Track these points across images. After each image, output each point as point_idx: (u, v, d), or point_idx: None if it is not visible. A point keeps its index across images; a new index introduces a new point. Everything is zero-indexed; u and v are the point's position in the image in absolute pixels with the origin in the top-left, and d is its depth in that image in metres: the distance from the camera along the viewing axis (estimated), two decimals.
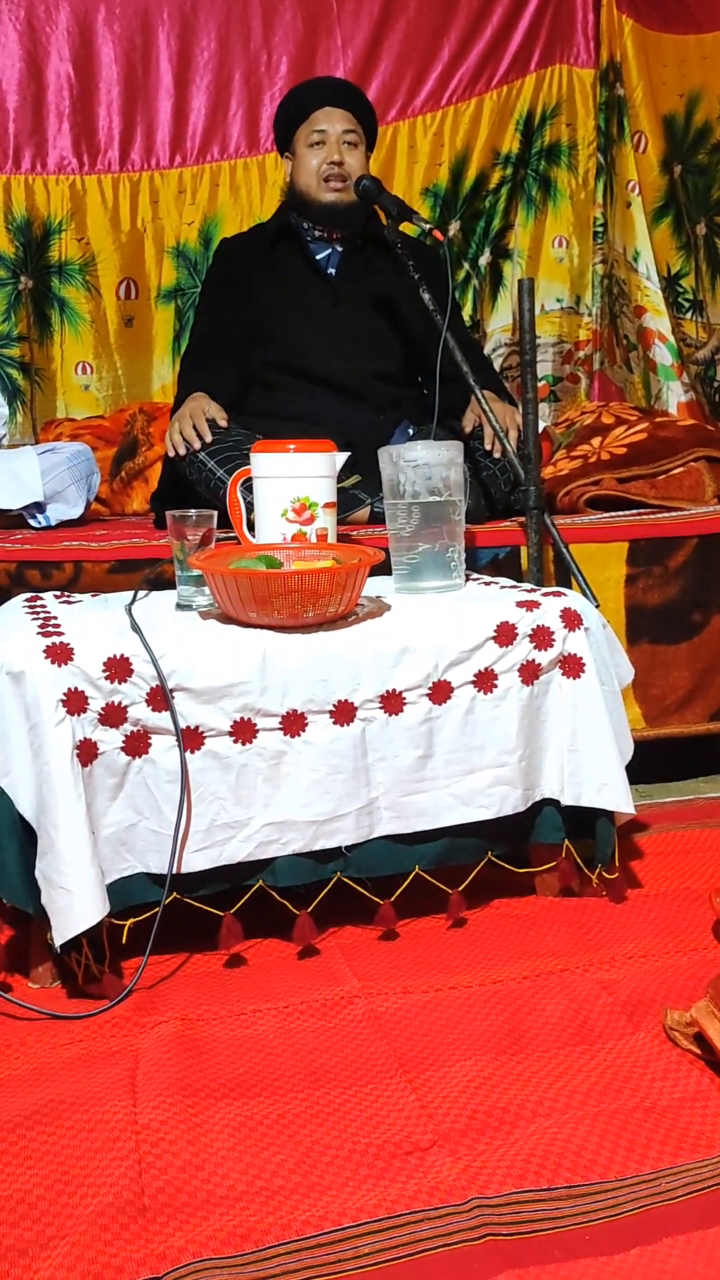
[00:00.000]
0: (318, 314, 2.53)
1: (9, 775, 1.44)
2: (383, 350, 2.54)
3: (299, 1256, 1.00)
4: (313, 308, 2.54)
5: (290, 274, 2.57)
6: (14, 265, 3.07)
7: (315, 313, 2.53)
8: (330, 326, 2.51)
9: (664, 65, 3.01)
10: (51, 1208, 1.07)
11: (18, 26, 3.02)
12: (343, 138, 2.48)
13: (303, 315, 2.52)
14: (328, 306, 2.54)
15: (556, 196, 3.43)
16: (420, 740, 1.59)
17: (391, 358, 2.55)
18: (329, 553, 1.71)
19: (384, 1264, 0.99)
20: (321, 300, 2.54)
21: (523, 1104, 1.21)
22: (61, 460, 2.54)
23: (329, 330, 2.51)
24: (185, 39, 3.12)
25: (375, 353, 2.53)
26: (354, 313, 2.54)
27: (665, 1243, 1.00)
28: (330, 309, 2.54)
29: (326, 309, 2.54)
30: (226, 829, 1.52)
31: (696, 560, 2.25)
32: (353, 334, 2.51)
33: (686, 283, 3.02)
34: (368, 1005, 1.43)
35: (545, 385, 3.48)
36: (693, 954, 1.54)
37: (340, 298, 2.54)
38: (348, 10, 3.19)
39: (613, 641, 1.78)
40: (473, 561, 2.10)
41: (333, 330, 2.51)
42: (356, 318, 2.54)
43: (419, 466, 1.77)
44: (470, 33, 3.26)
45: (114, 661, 1.47)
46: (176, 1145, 1.15)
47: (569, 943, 1.59)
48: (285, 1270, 0.99)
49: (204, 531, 1.69)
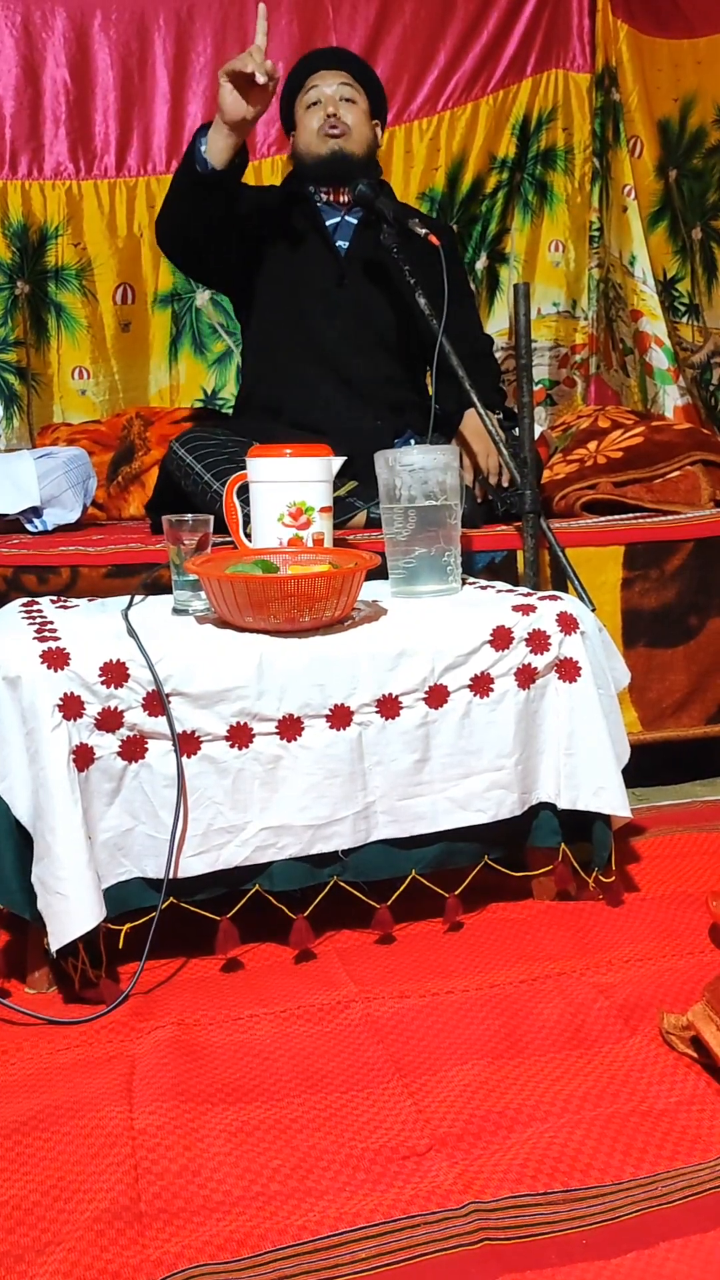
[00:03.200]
0: (322, 290, 2.45)
1: (5, 780, 1.43)
2: (386, 346, 2.47)
3: (295, 1262, 1.00)
4: (316, 282, 2.45)
5: (299, 236, 2.47)
6: (10, 270, 3.08)
7: (319, 289, 2.44)
8: (334, 306, 2.44)
9: (658, 69, 3.02)
10: (47, 1214, 1.07)
11: (14, 32, 3.03)
12: (338, 93, 2.44)
13: (305, 287, 2.44)
14: (333, 283, 2.46)
15: (553, 201, 3.44)
16: (417, 744, 1.59)
17: (395, 355, 2.48)
18: (325, 557, 1.71)
19: (381, 1269, 0.99)
20: (327, 276, 2.46)
21: (519, 1108, 1.21)
22: (58, 465, 2.54)
23: (332, 309, 2.43)
24: (181, 44, 3.13)
25: (378, 349, 2.46)
26: (360, 297, 2.45)
27: (662, 1247, 1.00)
28: (335, 289, 2.45)
29: (332, 285, 2.45)
30: (223, 833, 1.52)
31: (693, 564, 2.26)
32: (356, 321, 2.44)
33: (682, 287, 3.03)
34: (364, 1010, 1.43)
35: (541, 389, 3.48)
36: (689, 958, 1.54)
37: (347, 277, 2.46)
38: (343, 15, 3.20)
39: (609, 645, 1.78)
40: (469, 565, 2.10)
41: (336, 310, 2.43)
42: (362, 303, 2.45)
43: (415, 471, 1.77)
44: (466, 37, 3.28)
45: (110, 666, 1.47)
46: (173, 1151, 1.15)
47: (566, 946, 1.59)
48: (282, 1275, 0.99)
49: (200, 536, 1.69)
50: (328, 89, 2.45)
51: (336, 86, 2.45)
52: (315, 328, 2.44)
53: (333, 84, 2.46)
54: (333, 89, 2.45)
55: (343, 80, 2.46)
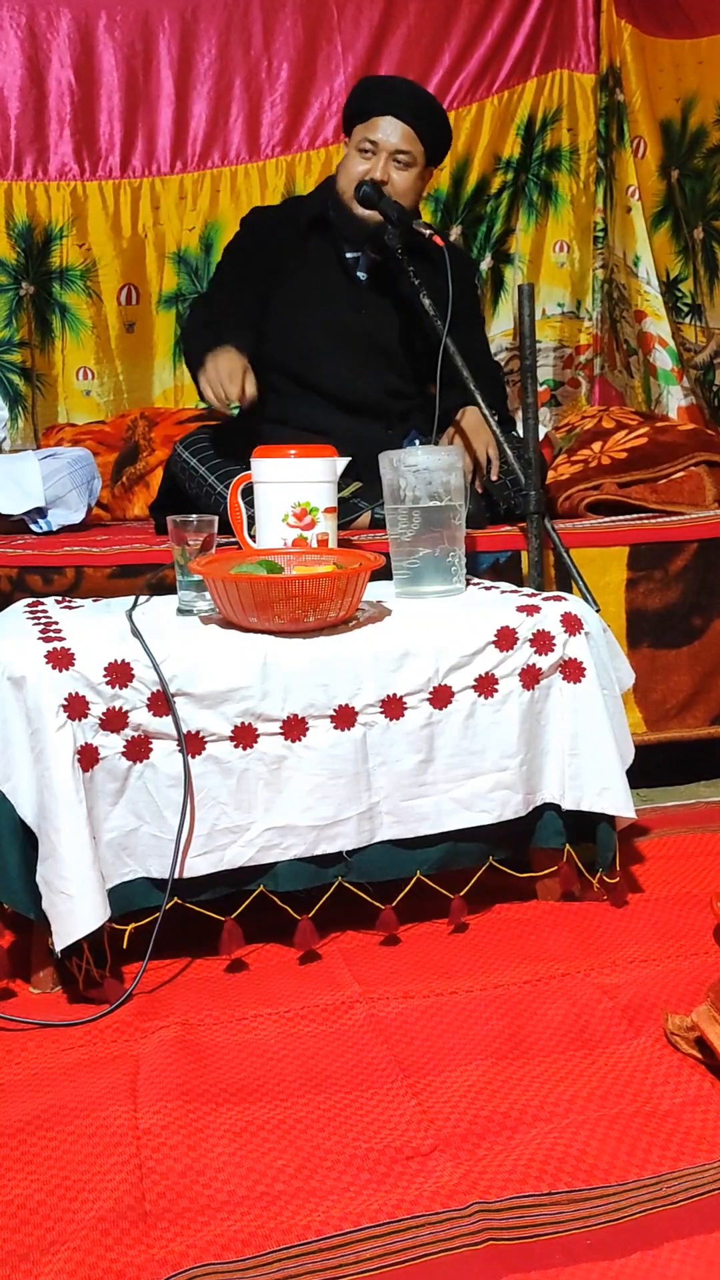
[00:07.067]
0: (338, 319, 2.41)
1: (10, 780, 1.44)
2: (395, 364, 2.44)
3: (300, 1261, 1.00)
4: (334, 311, 2.41)
5: (318, 271, 2.41)
6: (15, 271, 3.08)
7: (335, 317, 2.41)
8: (348, 333, 2.41)
9: (660, 70, 3.02)
10: (53, 1213, 1.07)
11: (19, 33, 3.03)
12: (394, 155, 2.28)
13: (321, 317, 2.41)
14: (349, 311, 2.42)
15: (557, 201, 3.44)
16: (421, 745, 1.59)
17: (402, 373, 2.46)
18: (329, 558, 1.72)
19: (385, 1269, 0.99)
20: (344, 307, 2.42)
21: (524, 1108, 1.21)
22: (63, 465, 2.54)
23: (345, 338, 2.40)
24: (186, 45, 3.13)
25: (388, 368, 2.44)
26: (375, 322, 2.42)
27: (666, 1247, 1.00)
28: (352, 314, 2.42)
29: (347, 313, 2.42)
30: (227, 834, 1.52)
31: (697, 564, 2.25)
32: (368, 348, 2.41)
33: (685, 287, 3.03)
34: (369, 1010, 1.43)
35: (546, 390, 3.49)
36: (694, 958, 1.54)
37: (364, 307, 2.42)
38: (348, 16, 3.20)
39: (613, 646, 1.78)
40: (473, 566, 2.10)
41: (349, 341, 2.40)
42: (377, 327, 2.42)
43: (419, 471, 1.77)
44: (471, 38, 3.27)
45: (115, 666, 1.47)
46: (177, 1150, 1.15)
47: (570, 947, 1.59)
48: (286, 1275, 0.99)
49: (205, 537, 1.69)
50: (385, 144, 2.28)
51: (395, 147, 2.28)
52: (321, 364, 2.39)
53: (394, 141, 2.28)
54: (390, 146, 2.28)
55: (404, 145, 2.28)
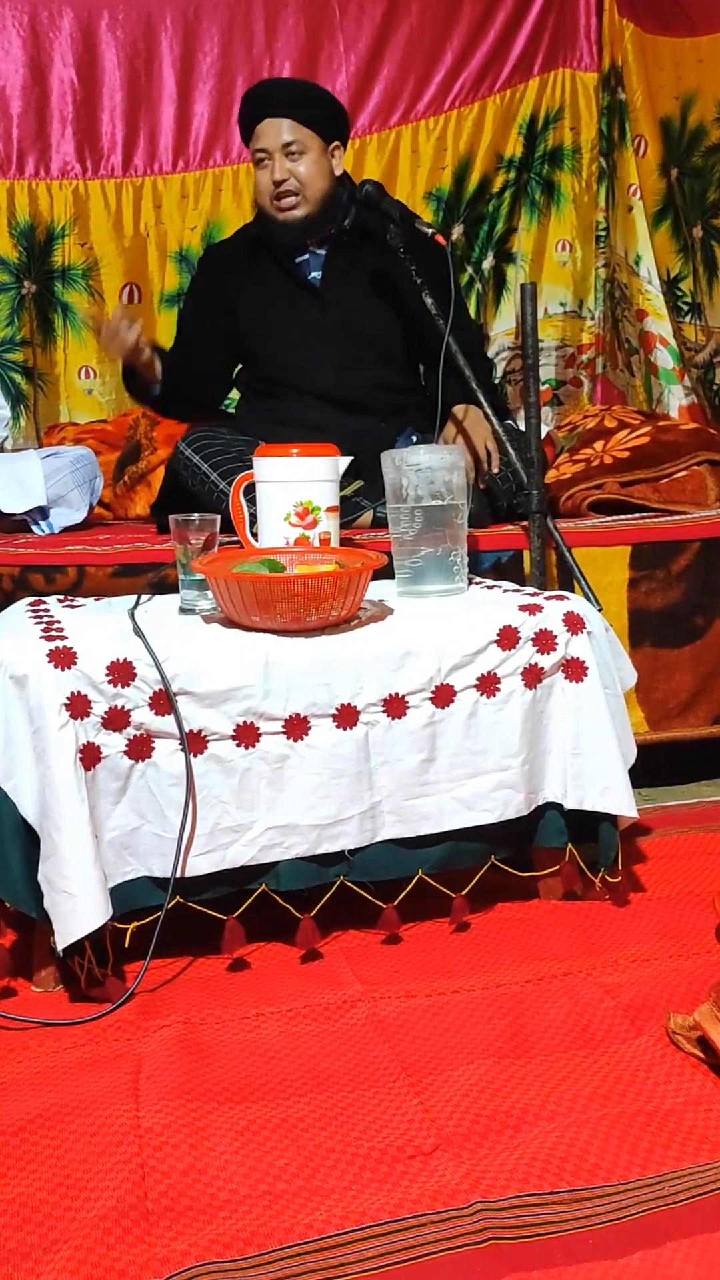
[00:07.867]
0: (305, 326, 2.42)
1: (12, 779, 1.44)
2: (380, 355, 2.46)
3: (302, 1260, 1.00)
4: (299, 320, 2.43)
5: (271, 286, 2.44)
6: (17, 270, 3.08)
7: (302, 325, 2.42)
8: (321, 337, 2.41)
9: (661, 68, 3.02)
10: (54, 1211, 1.07)
11: (21, 32, 3.03)
12: (284, 151, 2.30)
13: (289, 329, 2.42)
14: (315, 315, 2.43)
15: (560, 200, 3.43)
16: (423, 744, 1.59)
17: (390, 361, 2.47)
18: (332, 557, 1.72)
19: (387, 1267, 0.99)
20: (307, 310, 2.43)
21: (525, 1108, 1.21)
22: (65, 464, 2.54)
23: (319, 341, 2.41)
24: (188, 44, 3.13)
25: (372, 361, 2.44)
26: (344, 317, 2.43)
27: (668, 1246, 1.00)
28: (318, 317, 2.42)
29: (314, 317, 2.43)
30: (230, 833, 1.52)
31: (699, 564, 2.25)
32: (345, 343, 2.42)
33: (685, 286, 3.03)
34: (371, 1009, 1.43)
35: (548, 389, 3.48)
36: (696, 958, 1.54)
37: (327, 304, 2.43)
38: (350, 15, 3.19)
39: (615, 645, 1.78)
40: (475, 565, 2.10)
41: (323, 341, 2.41)
42: (347, 323, 2.43)
43: (421, 470, 1.77)
44: (473, 37, 3.27)
45: (117, 665, 1.47)
46: (179, 1149, 1.15)
47: (572, 947, 1.59)
48: (288, 1274, 0.99)
49: (207, 536, 1.70)
50: (272, 146, 2.30)
51: (283, 144, 2.29)
52: (305, 369, 2.42)
53: (278, 138, 2.30)
54: (278, 145, 2.30)
55: (288, 137, 2.29)
